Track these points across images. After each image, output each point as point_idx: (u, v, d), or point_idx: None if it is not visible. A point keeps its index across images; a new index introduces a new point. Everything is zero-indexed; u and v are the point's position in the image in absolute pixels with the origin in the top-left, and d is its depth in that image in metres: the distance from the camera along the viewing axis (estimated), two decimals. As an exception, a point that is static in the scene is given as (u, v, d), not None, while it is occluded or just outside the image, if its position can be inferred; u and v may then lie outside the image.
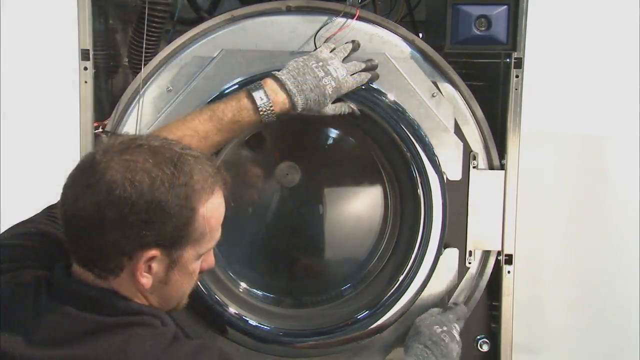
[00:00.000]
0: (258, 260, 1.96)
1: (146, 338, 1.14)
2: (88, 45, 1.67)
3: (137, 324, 1.16)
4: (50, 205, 1.45)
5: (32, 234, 1.33)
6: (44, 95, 2.46)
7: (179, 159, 1.17)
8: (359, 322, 1.73)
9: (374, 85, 1.69)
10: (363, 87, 1.65)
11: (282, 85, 1.54)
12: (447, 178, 1.72)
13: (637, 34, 2.50)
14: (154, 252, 1.16)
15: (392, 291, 1.73)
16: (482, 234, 1.77)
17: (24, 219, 1.42)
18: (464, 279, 1.79)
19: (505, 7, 1.67)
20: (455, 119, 1.73)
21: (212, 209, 1.23)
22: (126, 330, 1.14)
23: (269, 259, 1.97)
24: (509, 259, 1.77)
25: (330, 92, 1.56)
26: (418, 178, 1.69)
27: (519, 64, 1.71)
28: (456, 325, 1.64)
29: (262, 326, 1.75)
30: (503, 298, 1.78)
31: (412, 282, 1.72)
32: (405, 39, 1.73)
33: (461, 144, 1.73)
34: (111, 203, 1.11)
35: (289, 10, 1.71)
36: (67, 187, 1.17)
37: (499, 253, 1.78)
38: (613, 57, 2.51)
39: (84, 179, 1.14)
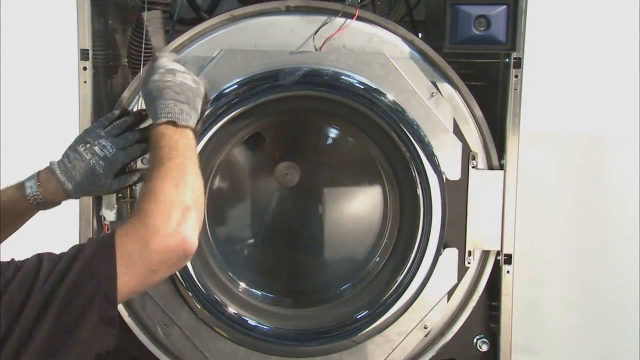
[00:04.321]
0: (257, 260, 1.96)
1: None
2: (87, 45, 1.68)
3: None
4: None
5: None
6: (43, 95, 2.46)
7: None
8: (358, 322, 1.74)
9: (374, 85, 1.69)
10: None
11: (53, 174, 1.48)
12: (446, 178, 1.72)
13: (637, 34, 2.50)
14: None
15: (391, 291, 1.73)
16: (481, 233, 1.77)
17: None
18: (464, 278, 1.79)
19: (505, 7, 1.67)
20: (454, 119, 1.73)
21: None
22: None
23: (269, 259, 1.97)
24: (508, 259, 1.77)
25: (102, 172, 1.49)
26: (417, 178, 1.69)
27: (518, 63, 1.71)
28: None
29: (261, 326, 1.75)
30: (502, 298, 1.78)
31: (411, 281, 1.72)
32: (404, 39, 1.73)
33: (460, 143, 1.73)
34: None
35: (289, 10, 1.71)
36: None
37: (498, 253, 1.78)
38: (613, 56, 2.51)
39: None
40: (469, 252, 1.77)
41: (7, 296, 1.12)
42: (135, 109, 1.66)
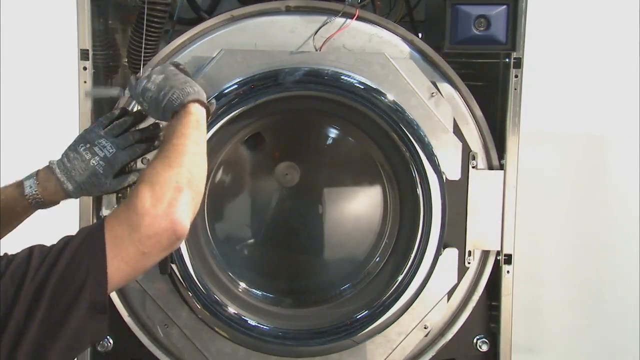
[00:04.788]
0: (257, 260, 1.96)
1: None
2: (87, 45, 1.68)
3: None
4: None
5: None
6: (43, 95, 2.46)
7: None
8: (358, 322, 1.73)
9: (374, 85, 1.69)
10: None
11: (52, 174, 1.48)
12: (446, 178, 1.72)
13: (637, 34, 2.50)
14: None
15: (391, 291, 1.73)
16: (481, 233, 1.77)
17: None
18: (464, 278, 1.79)
19: (505, 7, 1.67)
20: (454, 119, 1.73)
21: None
22: None
23: (269, 259, 1.97)
24: (509, 259, 1.77)
25: (101, 172, 1.49)
26: (417, 178, 1.69)
27: (518, 63, 1.71)
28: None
29: (261, 326, 1.75)
30: (502, 298, 1.78)
31: (411, 282, 1.72)
32: (404, 39, 1.73)
33: (460, 143, 1.73)
34: None
35: (289, 10, 1.71)
36: None
37: (498, 253, 1.78)
38: (613, 56, 2.51)
39: None
40: (469, 252, 1.77)
41: (0, 290, 1.13)
42: (134, 109, 1.66)
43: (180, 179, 1.25)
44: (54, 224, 1.85)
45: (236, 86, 1.67)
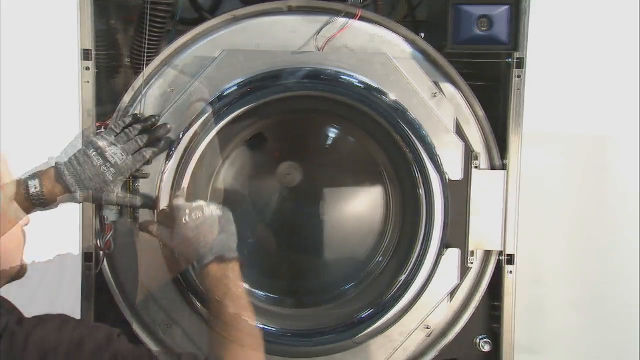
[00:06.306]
0: (260, 261, 1.96)
1: None
2: (89, 45, 1.68)
3: None
4: None
5: None
6: (45, 95, 2.46)
7: None
8: (360, 323, 1.73)
9: (375, 85, 1.69)
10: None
11: (61, 176, 1.49)
12: (448, 178, 1.72)
13: (638, 34, 2.49)
14: None
15: (393, 291, 1.73)
16: (483, 234, 1.77)
17: None
18: (465, 279, 1.79)
19: (507, 7, 1.67)
20: (456, 119, 1.73)
21: None
22: None
23: (271, 260, 1.97)
24: (511, 259, 1.77)
25: (111, 179, 1.52)
26: (419, 178, 1.69)
27: (521, 64, 1.71)
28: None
29: (264, 327, 1.74)
30: (504, 298, 1.78)
31: (413, 282, 1.72)
32: (406, 39, 1.73)
33: (462, 144, 1.73)
34: None
35: (291, 11, 1.71)
36: None
37: (500, 253, 1.78)
38: (614, 57, 2.51)
39: None
40: (471, 252, 1.77)
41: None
42: (137, 111, 1.66)
43: None
44: (54, 224, 1.86)
45: (238, 87, 1.67)
